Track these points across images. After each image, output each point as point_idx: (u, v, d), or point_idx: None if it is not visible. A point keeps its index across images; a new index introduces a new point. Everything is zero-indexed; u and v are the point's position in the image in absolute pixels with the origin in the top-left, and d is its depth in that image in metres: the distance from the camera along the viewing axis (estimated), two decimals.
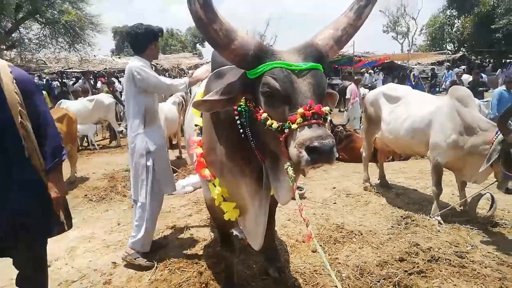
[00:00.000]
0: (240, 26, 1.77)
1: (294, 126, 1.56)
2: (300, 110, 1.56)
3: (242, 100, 1.87)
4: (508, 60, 25.69)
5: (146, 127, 3.35)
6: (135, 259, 3.36)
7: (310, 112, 1.56)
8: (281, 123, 1.62)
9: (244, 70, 1.80)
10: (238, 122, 1.94)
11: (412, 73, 21.76)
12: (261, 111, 1.71)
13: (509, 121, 3.71)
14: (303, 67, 1.67)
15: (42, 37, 16.70)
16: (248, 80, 1.77)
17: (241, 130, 1.95)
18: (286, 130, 1.60)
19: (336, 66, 24.04)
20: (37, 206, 2.11)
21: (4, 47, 15.53)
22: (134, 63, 3.28)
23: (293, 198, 1.77)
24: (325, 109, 1.63)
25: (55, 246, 3.86)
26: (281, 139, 1.62)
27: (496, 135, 3.54)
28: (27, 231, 2.07)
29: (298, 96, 1.61)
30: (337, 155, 1.67)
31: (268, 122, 1.65)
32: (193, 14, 1.66)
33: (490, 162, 3.50)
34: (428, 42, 39.74)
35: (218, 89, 1.81)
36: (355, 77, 13.34)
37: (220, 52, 1.77)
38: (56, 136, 2.15)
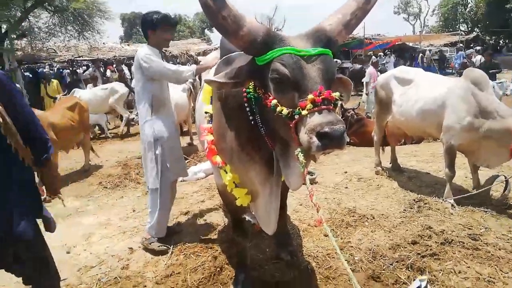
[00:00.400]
0: (248, 11, 1.76)
1: (304, 112, 1.57)
2: (310, 96, 1.56)
3: (251, 87, 1.88)
4: None
5: (153, 114, 3.37)
6: (150, 243, 3.45)
7: (320, 98, 1.56)
8: (291, 109, 1.62)
9: (252, 56, 1.80)
10: (248, 109, 1.95)
11: (420, 55, 21.40)
12: (270, 97, 1.71)
13: None
14: (312, 53, 1.66)
15: (52, 26, 16.70)
16: (256, 67, 1.77)
17: (251, 117, 1.96)
18: (296, 116, 1.60)
19: (347, 49, 23.72)
20: (36, 206, 2.12)
21: (15, 36, 15.61)
22: (140, 51, 3.33)
23: (304, 184, 1.78)
24: (335, 94, 1.62)
25: (72, 232, 3.97)
26: (291, 125, 1.63)
27: None
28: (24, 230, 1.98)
29: (308, 82, 1.61)
30: (348, 140, 1.68)
31: (278, 109, 1.66)
32: (202, 2, 1.66)
33: None
34: (441, 23, 38.89)
35: (228, 71, 1.82)
36: (373, 60, 13.14)
37: (228, 39, 1.77)
38: (42, 134, 2.07)
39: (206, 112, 2.49)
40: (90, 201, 5.08)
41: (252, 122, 1.96)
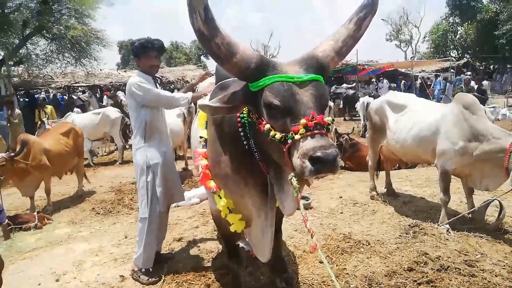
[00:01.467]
0: (243, 37, 1.80)
1: (297, 136, 1.58)
2: (303, 120, 1.58)
3: (245, 112, 1.90)
4: None
5: (146, 141, 3.34)
6: (139, 276, 3.35)
7: (313, 122, 1.57)
8: (284, 134, 1.64)
9: (246, 82, 1.82)
10: (242, 133, 1.96)
11: (403, 81, 21.78)
12: (264, 122, 1.73)
13: None
14: (304, 78, 1.69)
15: (49, 53, 16.94)
16: (250, 92, 1.79)
17: (245, 142, 1.96)
18: (289, 141, 1.61)
19: (340, 74, 24.11)
20: None
21: (12, 63, 15.76)
22: (132, 79, 3.32)
23: (298, 209, 1.77)
24: (328, 119, 1.64)
25: (62, 259, 3.90)
26: (284, 150, 1.64)
27: None
28: None
29: (300, 107, 1.63)
30: (342, 164, 1.68)
31: (271, 133, 1.67)
32: (195, 30, 1.69)
33: None
34: (432, 49, 39.71)
35: (222, 96, 1.84)
36: (390, 85, 13.40)
37: (222, 66, 1.80)
38: None
39: (201, 137, 2.50)
40: (82, 227, 5.01)
41: (247, 147, 1.97)
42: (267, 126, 1.70)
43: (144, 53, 3.28)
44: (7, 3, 14.67)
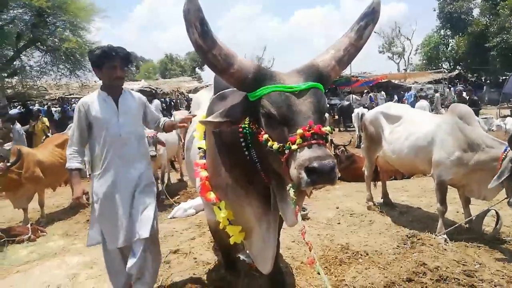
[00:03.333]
0: (239, 51, 1.81)
1: (294, 147, 1.57)
2: (299, 130, 1.57)
3: (246, 122, 1.89)
4: (504, 78, 26.00)
5: (93, 170, 2.94)
6: None
7: (310, 132, 1.57)
8: (281, 144, 1.63)
9: (245, 92, 1.83)
10: (243, 143, 1.95)
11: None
12: (262, 132, 1.73)
13: None
14: (302, 87, 1.69)
15: (43, 64, 16.89)
16: (249, 102, 1.80)
17: (246, 152, 1.96)
18: (287, 151, 1.60)
19: (334, 86, 24.32)
20: None
21: (6, 74, 15.70)
22: (82, 99, 2.95)
23: (297, 220, 1.75)
24: (326, 129, 1.64)
25: (56, 272, 3.82)
26: (282, 160, 1.63)
27: (506, 152, 3.53)
28: None
29: (298, 117, 1.63)
30: (338, 175, 1.67)
31: (269, 144, 1.67)
32: (193, 42, 1.71)
33: (502, 179, 3.45)
34: (424, 61, 40.19)
35: (222, 111, 1.84)
36: (418, 93, 13.45)
37: (220, 76, 1.82)
38: None
39: (199, 148, 2.48)
40: (76, 239, 4.93)
41: (248, 157, 1.96)
42: (265, 136, 1.70)
43: (107, 63, 2.78)
44: (1, 16, 14.68)
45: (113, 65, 2.79)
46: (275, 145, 1.65)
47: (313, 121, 1.61)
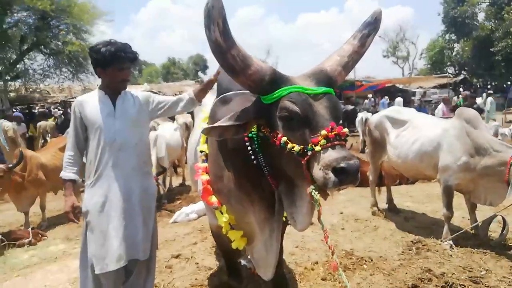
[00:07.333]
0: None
1: (317, 148, 1.57)
2: (323, 131, 1.57)
3: (255, 126, 1.87)
4: (509, 83, 25.96)
5: (86, 179, 2.65)
6: None
7: (333, 133, 1.58)
8: (302, 146, 1.62)
9: (258, 95, 1.80)
10: (250, 148, 1.92)
11: (370, 96, 21.79)
12: (279, 135, 1.70)
13: None
14: (319, 91, 1.70)
15: (46, 68, 17.00)
16: (262, 105, 1.78)
17: (253, 157, 1.92)
18: (309, 153, 1.59)
19: (338, 90, 24.27)
20: None
21: (9, 77, 15.79)
22: (77, 98, 2.70)
23: (319, 223, 1.76)
24: (346, 130, 1.64)
25: (57, 276, 3.80)
26: (303, 162, 1.61)
27: None
28: None
29: (319, 118, 1.63)
30: None
31: (289, 146, 1.65)
32: (212, 41, 1.68)
33: None
34: (429, 65, 40.10)
35: (231, 115, 1.81)
36: (443, 96, 13.51)
37: (236, 78, 1.78)
38: None
39: (201, 151, 2.45)
40: (77, 243, 4.88)
41: (254, 161, 1.92)
42: (284, 139, 1.68)
43: (115, 64, 2.47)
44: (5, 19, 14.76)
45: (121, 67, 2.50)
46: (296, 147, 1.63)
47: (334, 122, 1.62)
